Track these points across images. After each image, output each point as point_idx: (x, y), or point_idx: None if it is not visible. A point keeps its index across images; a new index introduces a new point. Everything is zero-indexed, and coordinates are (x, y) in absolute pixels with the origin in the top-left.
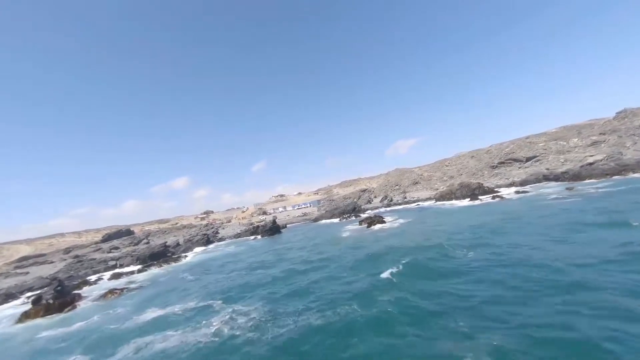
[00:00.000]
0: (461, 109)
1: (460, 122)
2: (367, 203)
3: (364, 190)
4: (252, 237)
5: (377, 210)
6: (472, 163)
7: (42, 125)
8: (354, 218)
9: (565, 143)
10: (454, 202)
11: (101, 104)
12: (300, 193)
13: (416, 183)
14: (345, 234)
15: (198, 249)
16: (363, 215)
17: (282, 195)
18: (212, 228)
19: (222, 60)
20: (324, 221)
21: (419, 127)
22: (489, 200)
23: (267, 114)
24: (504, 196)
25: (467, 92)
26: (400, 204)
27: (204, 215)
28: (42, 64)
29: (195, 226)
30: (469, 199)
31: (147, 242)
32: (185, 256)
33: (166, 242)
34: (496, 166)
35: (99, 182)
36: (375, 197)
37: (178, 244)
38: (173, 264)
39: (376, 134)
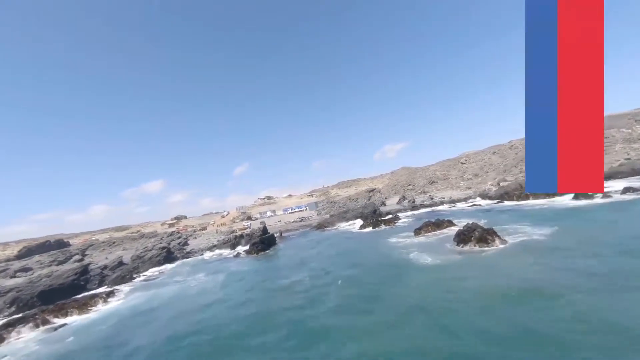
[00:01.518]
0: (452, 112)
1: (453, 125)
2: (380, 205)
3: (371, 191)
4: (234, 253)
5: (409, 214)
6: (496, 159)
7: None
8: (384, 226)
9: (629, 130)
10: (537, 201)
11: (70, 103)
12: (290, 195)
13: (433, 182)
14: (419, 259)
15: (142, 277)
16: (399, 222)
17: (269, 198)
18: (180, 238)
19: (203, 60)
20: (333, 229)
21: (407, 132)
22: (619, 197)
23: (249, 116)
24: None
25: (458, 94)
26: (431, 206)
27: (174, 221)
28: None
29: (158, 234)
30: (571, 195)
31: (81, 259)
32: (112, 293)
33: (89, 263)
34: None
35: (65, 185)
36: (386, 198)
37: (120, 264)
38: (72, 318)
39: (363, 138)
